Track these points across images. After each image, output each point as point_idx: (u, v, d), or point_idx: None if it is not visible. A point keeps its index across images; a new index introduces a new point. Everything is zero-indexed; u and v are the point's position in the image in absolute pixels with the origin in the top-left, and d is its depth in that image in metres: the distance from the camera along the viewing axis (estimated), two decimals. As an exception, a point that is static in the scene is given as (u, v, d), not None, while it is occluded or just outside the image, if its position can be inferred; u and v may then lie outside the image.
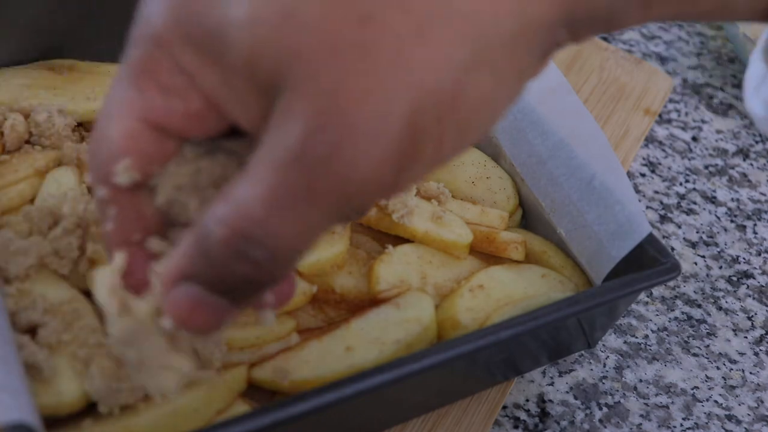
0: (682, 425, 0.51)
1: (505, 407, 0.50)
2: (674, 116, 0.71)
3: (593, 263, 0.49)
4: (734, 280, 0.60)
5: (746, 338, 0.56)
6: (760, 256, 0.61)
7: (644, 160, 0.67)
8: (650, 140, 0.69)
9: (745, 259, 0.61)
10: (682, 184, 0.66)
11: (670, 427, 0.51)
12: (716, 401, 0.52)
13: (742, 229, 0.63)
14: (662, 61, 0.76)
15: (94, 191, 0.31)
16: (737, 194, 0.66)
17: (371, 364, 0.43)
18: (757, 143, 0.70)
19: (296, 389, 0.42)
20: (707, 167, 0.68)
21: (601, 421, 0.50)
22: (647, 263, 0.46)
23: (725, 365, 0.54)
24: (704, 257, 0.61)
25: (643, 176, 0.66)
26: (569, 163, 0.50)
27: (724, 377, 0.54)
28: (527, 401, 0.50)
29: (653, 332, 0.55)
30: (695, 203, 0.64)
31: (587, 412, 0.50)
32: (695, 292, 0.58)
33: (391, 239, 0.49)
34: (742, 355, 0.55)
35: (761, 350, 0.55)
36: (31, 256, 0.43)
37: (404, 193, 0.28)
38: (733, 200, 0.65)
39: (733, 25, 0.72)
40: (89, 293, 0.43)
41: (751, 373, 0.54)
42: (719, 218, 0.64)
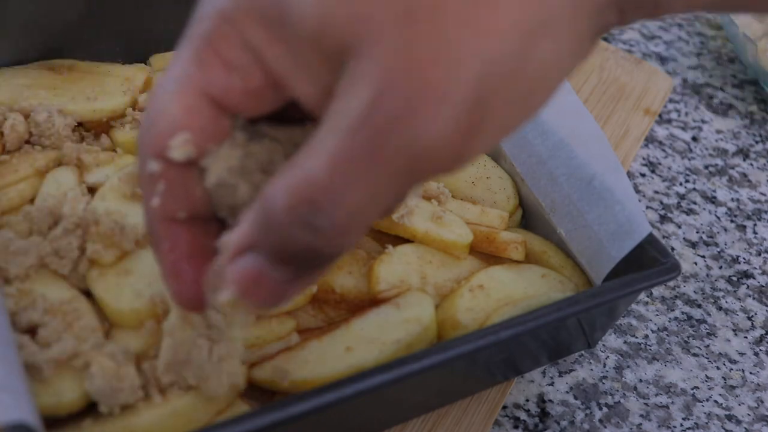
0: (682, 425, 0.51)
1: (505, 407, 0.50)
2: (674, 116, 0.71)
3: (593, 263, 0.49)
4: (734, 280, 0.60)
5: (746, 338, 0.56)
6: (760, 256, 0.61)
7: (644, 160, 0.67)
8: (650, 140, 0.69)
9: (745, 259, 0.61)
10: (682, 184, 0.66)
11: (670, 427, 0.51)
12: (716, 401, 0.52)
13: (742, 229, 0.63)
14: (662, 61, 0.76)
15: (141, 164, 0.31)
16: (737, 194, 0.66)
17: (371, 364, 0.43)
18: (757, 143, 0.70)
19: (296, 389, 0.42)
20: (707, 167, 0.68)
21: (601, 421, 0.50)
22: (647, 263, 0.46)
23: (725, 365, 0.54)
24: (704, 257, 0.61)
25: (643, 176, 0.66)
26: (569, 163, 0.50)
27: (724, 377, 0.54)
28: (527, 401, 0.50)
29: (653, 332, 0.55)
30: (695, 203, 0.64)
31: (587, 412, 0.50)
32: (695, 292, 0.58)
33: (391, 239, 0.49)
34: (742, 355, 0.55)
35: (761, 350, 0.55)
36: (31, 256, 0.43)
37: (469, 164, 0.28)
38: (733, 200, 0.65)
39: (733, 24, 0.72)
40: (89, 293, 0.43)
41: (751, 373, 0.54)
42: (719, 218, 0.64)
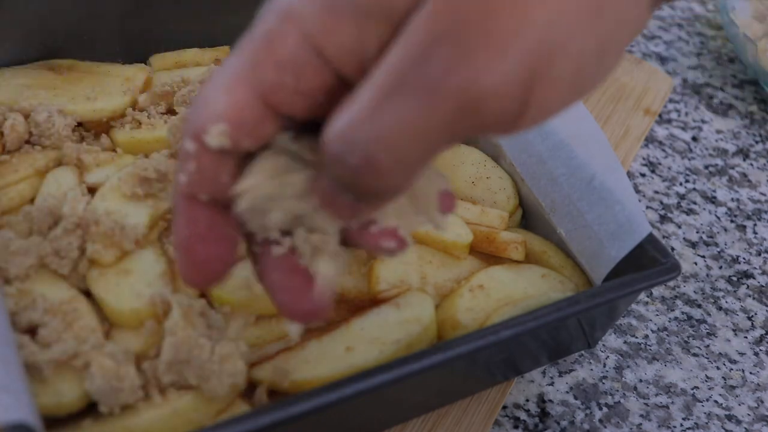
0: (682, 425, 0.51)
1: (505, 407, 0.50)
2: (674, 116, 0.71)
3: (593, 263, 0.49)
4: (734, 280, 0.60)
5: (746, 338, 0.56)
6: (760, 256, 0.61)
7: (644, 160, 0.67)
8: (650, 140, 0.69)
9: (745, 259, 0.61)
10: (682, 184, 0.66)
11: (670, 427, 0.51)
12: (716, 401, 0.52)
13: (742, 229, 0.63)
14: (662, 61, 0.76)
15: (181, 143, 0.32)
16: (737, 194, 0.66)
17: (371, 364, 0.43)
18: (757, 143, 0.70)
19: (296, 389, 0.42)
20: (707, 167, 0.68)
21: (601, 421, 0.50)
22: (647, 263, 0.46)
23: (725, 365, 0.54)
24: (704, 257, 0.61)
25: (643, 176, 0.66)
26: (569, 163, 0.50)
27: (724, 377, 0.54)
28: (527, 401, 0.50)
29: (653, 332, 0.55)
30: (695, 203, 0.64)
31: (587, 412, 0.50)
32: (695, 292, 0.58)
33: (391, 239, 0.49)
34: (742, 355, 0.55)
35: (761, 350, 0.55)
36: (31, 256, 0.43)
37: (529, 129, 0.27)
38: (733, 200, 0.65)
39: (733, 25, 0.72)
40: (89, 293, 0.43)
41: (751, 373, 0.54)
42: (719, 218, 0.64)
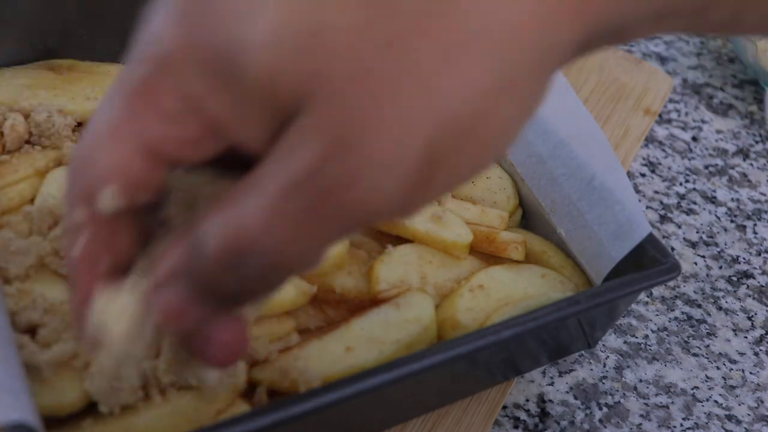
0: (682, 425, 0.51)
1: (505, 407, 0.50)
2: (674, 116, 0.71)
3: (593, 263, 0.49)
4: (734, 280, 0.59)
5: (746, 338, 0.56)
6: (760, 256, 0.61)
7: (644, 160, 0.67)
8: (650, 140, 0.69)
9: (745, 259, 0.61)
10: (682, 184, 0.66)
11: (670, 427, 0.51)
12: (716, 401, 0.52)
13: (742, 229, 0.63)
14: (662, 61, 0.76)
15: (67, 212, 0.30)
16: (737, 194, 0.66)
17: (371, 364, 0.43)
18: (757, 143, 0.70)
19: (296, 389, 0.42)
20: (707, 167, 0.68)
21: (601, 421, 0.50)
22: (647, 263, 0.46)
23: (725, 365, 0.54)
24: (704, 257, 0.61)
25: (643, 176, 0.66)
26: (569, 163, 0.50)
27: (724, 377, 0.54)
28: (527, 401, 0.50)
29: (653, 332, 0.55)
30: (695, 203, 0.64)
31: (587, 412, 0.50)
32: (695, 292, 0.58)
33: (391, 239, 0.49)
34: (742, 355, 0.55)
35: (761, 350, 0.55)
36: (31, 256, 0.43)
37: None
38: (733, 200, 0.65)
39: (733, 25, 0.72)
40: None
41: (751, 373, 0.54)
42: (719, 218, 0.64)
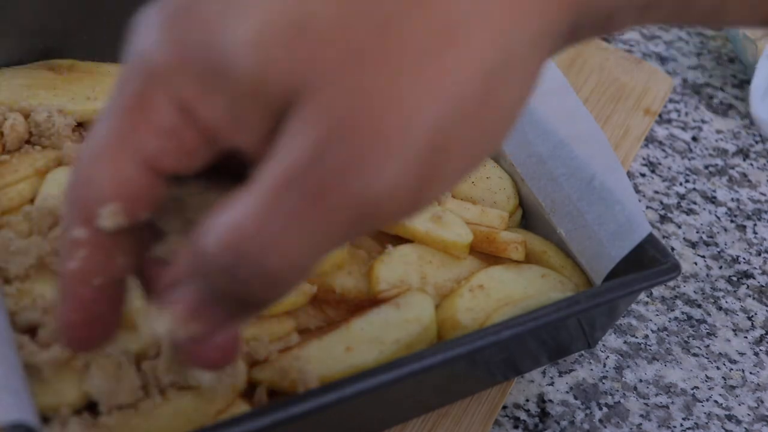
0: (682, 425, 0.51)
1: (505, 407, 0.50)
2: (674, 116, 0.71)
3: (593, 263, 0.49)
4: (734, 280, 0.59)
5: (746, 338, 0.56)
6: (760, 256, 0.61)
7: (644, 160, 0.67)
8: (650, 140, 0.69)
9: (745, 259, 0.61)
10: (682, 184, 0.66)
11: (670, 427, 0.51)
12: (716, 401, 0.52)
13: (742, 229, 0.63)
14: (662, 61, 0.76)
15: (65, 227, 0.29)
16: (737, 194, 0.66)
17: (371, 364, 0.43)
18: (757, 143, 0.70)
19: (296, 389, 0.42)
20: (707, 167, 0.68)
21: (601, 421, 0.50)
22: (647, 263, 0.46)
23: (725, 365, 0.54)
24: (704, 257, 0.61)
25: (643, 176, 0.66)
26: (569, 163, 0.50)
27: (724, 377, 0.54)
28: (527, 401, 0.50)
29: (653, 332, 0.55)
30: (695, 203, 0.64)
31: (587, 412, 0.50)
32: (695, 292, 0.58)
33: (391, 239, 0.49)
34: (742, 355, 0.55)
35: (761, 350, 0.55)
36: (31, 256, 0.43)
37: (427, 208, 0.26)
38: (733, 200, 0.65)
39: (733, 25, 0.72)
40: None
41: (751, 373, 0.54)
42: (719, 218, 0.64)
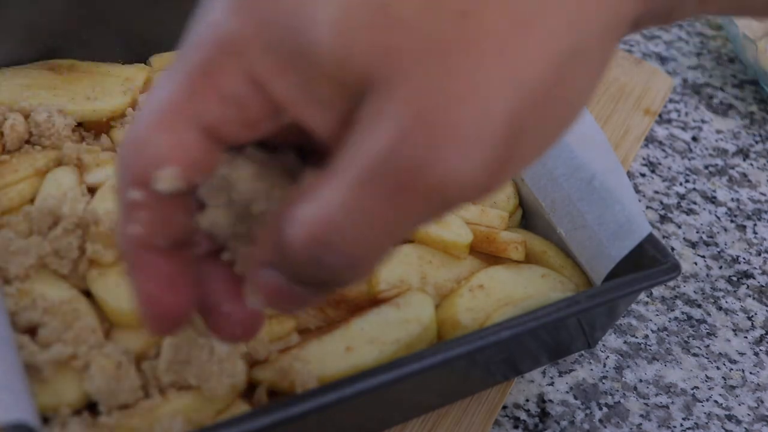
0: (682, 425, 0.51)
1: (505, 407, 0.50)
2: (674, 116, 0.71)
3: (593, 263, 0.49)
4: (734, 280, 0.59)
5: (746, 338, 0.56)
6: (760, 256, 0.61)
7: (644, 160, 0.67)
8: (650, 140, 0.69)
9: (745, 259, 0.61)
10: (682, 184, 0.66)
11: (670, 427, 0.51)
12: (716, 401, 0.52)
13: (742, 229, 0.63)
14: (662, 61, 0.76)
15: (121, 191, 0.29)
16: (737, 194, 0.66)
17: (371, 364, 0.43)
18: (757, 143, 0.70)
19: (296, 389, 0.42)
20: (707, 167, 0.68)
21: (601, 421, 0.50)
22: (647, 263, 0.46)
23: (725, 365, 0.54)
24: (704, 257, 0.61)
25: (643, 176, 0.66)
26: (569, 163, 0.50)
27: (724, 377, 0.54)
28: (527, 401, 0.50)
29: (653, 332, 0.55)
30: (695, 203, 0.64)
31: (587, 412, 0.50)
32: (695, 292, 0.58)
33: (391, 239, 0.49)
34: (742, 355, 0.55)
35: (761, 350, 0.55)
36: (31, 256, 0.43)
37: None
38: (733, 200, 0.65)
39: (733, 25, 0.72)
40: (89, 293, 0.43)
41: (751, 373, 0.54)
42: (719, 218, 0.64)
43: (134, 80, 0.54)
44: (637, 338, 0.55)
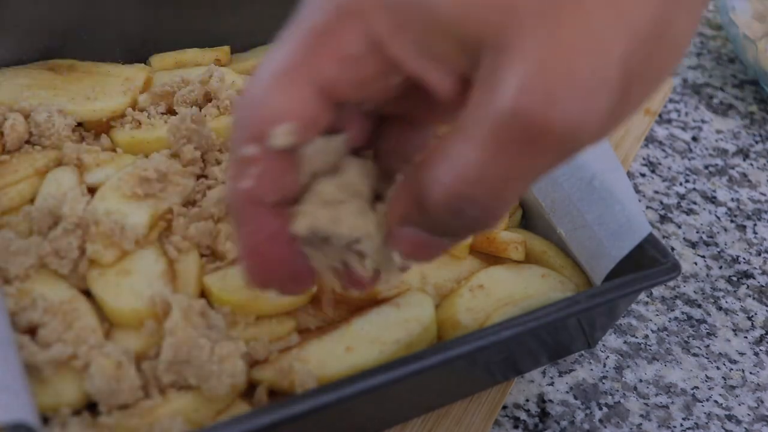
0: (682, 425, 0.51)
1: (505, 407, 0.50)
2: (674, 116, 0.71)
3: (593, 263, 0.49)
4: (734, 280, 0.59)
5: (746, 338, 0.56)
6: (760, 256, 0.61)
7: (644, 160, 0.67)
8: (650, 140, 0.69)
9: (745, 259, 0.61)
10: (682, 184, 0.66)
11: (670, 427, 0.51)
12: (716, 401, 0.52)
13: (742, 229, 0.63)
14: (662, 61, 0.76)
15: (235, 148, 0.31)
16: (737, 194, 0.66)
17: (371, 364, 0.43)
18: (757, 143, 0.70)
19: (296, 389, 0.42)
20: (707, 167, 0.68)
21: (601, 421, 0.50)
22: (647, 263, 0.46)
23: (725, 365, 0.54)
24: (704, 257, 0.61)
25: (643, 176, 0.66)
26: (569, 163, 0.50)
27: (724, 377, 0.54)
28: (527, 401, 0.50)
29: (653, 332, 0.55)
30: (695, 203, 0.64)
31: (587, 412, 0.50)
32: (695, 292, 0.58)
33: (391, 239, 0.49)
34: (742, 355, 0.55)
35: (761, 350, 0.55)
36: (31, 256, 0.43)
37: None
38: (733, 200, 0.65)
39: (733, 25, 0.72)
40: (89, 293, 0.43)
41: (751, 373, 0.54)
42: (719, 218, 0.64)
43: (134, 80, 0.54)
44: (637, 338, 0.55)
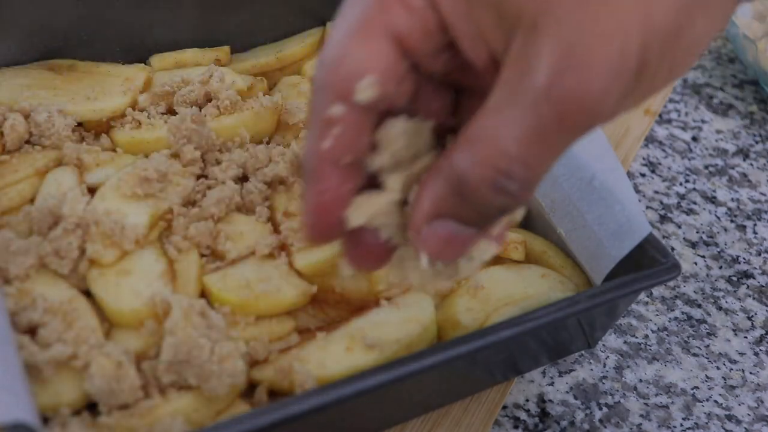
0: (682, 425, 0.51)
1: (505, 407, 0.50)
2: (674, 116, 0.71)
3: (593, 263, 0.49)
4: (734, 280, 0.59)
5: (746, 338, 0.56)
6: (760, 256, 0.61)
7: (644, 160, 0.67)
8: (650, 140, 0.69)
9: (745, 259, 0.61)
10: (682, 184, 0.66)
11: (670, 427, 0.51)
12: (716, 401, 0.52)
13: (742, 229, 0.63)
14: (662, 61, 0.76)
15: (318, 110, 0.31)
16: (737, 194, 0.66)
17: (371, 364, 0.43)
18: (757, 143, 0.70)
19: (295, 389, 0.42)
20: (707, 167, 0.68)
21: (601, 421, 0.50)
22: (647, 263, 0.46)
23: (725, 365, 0.54)
24: (704, 257, 0.61)
25: (643, 176, 0.66)
26: (569, 163, 0.50)
27: (724, 377, 0.54)
28: (527, 401, 0.50)
29: (653, 332, 0.55)
30: (695, 203, 0.64)
31: (587, 412, 0.50)
32: (695, 292, 0.58)
33: (391, 239, 0.49)
34: (742, 355, 0.55)
35: (761, 350, 0.55)
36: (31, 256, 0.43)
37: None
38: (733, 200, 0.65)
39: (733, 25, 0.72)
40: (89, 293, 0.43)
41: (751, 373, 0.54)
42: (719, 218, 0.64)
43: (134, 80, 0.54)
44: (637, 338, 0.55)
